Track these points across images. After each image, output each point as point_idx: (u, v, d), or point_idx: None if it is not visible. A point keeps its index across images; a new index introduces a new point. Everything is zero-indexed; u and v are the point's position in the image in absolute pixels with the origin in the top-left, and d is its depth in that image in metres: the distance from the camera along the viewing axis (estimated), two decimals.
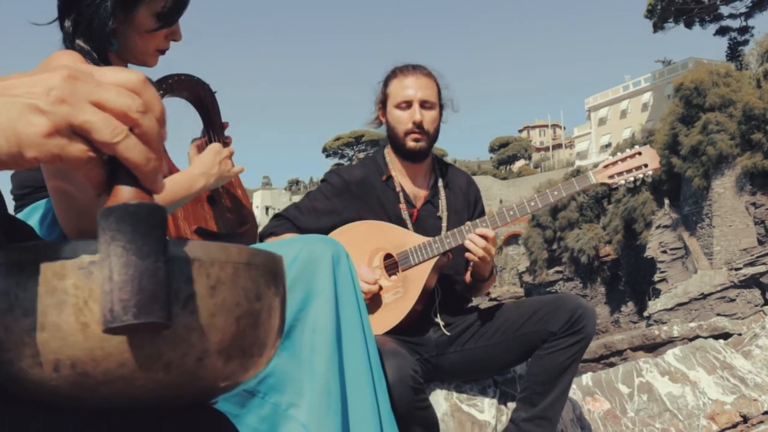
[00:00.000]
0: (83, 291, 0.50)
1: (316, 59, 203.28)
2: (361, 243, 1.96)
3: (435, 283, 1.96)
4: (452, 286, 2.04)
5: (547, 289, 31.84)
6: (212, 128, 1.55)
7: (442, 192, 2.08)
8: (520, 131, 72.02)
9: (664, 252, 26.25)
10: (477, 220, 1.90)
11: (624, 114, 45.80)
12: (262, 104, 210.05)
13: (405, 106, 1.99)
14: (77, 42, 1.30)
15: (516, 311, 1.92)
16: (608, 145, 45.01)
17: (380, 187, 2.03)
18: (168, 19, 1.36)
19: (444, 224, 2.03)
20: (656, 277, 26.28)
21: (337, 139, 60.43)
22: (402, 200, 2.02)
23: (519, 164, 62.32)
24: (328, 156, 61.75)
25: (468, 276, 2.05)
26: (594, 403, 2.66)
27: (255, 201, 55.19)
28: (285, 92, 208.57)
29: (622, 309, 29.21)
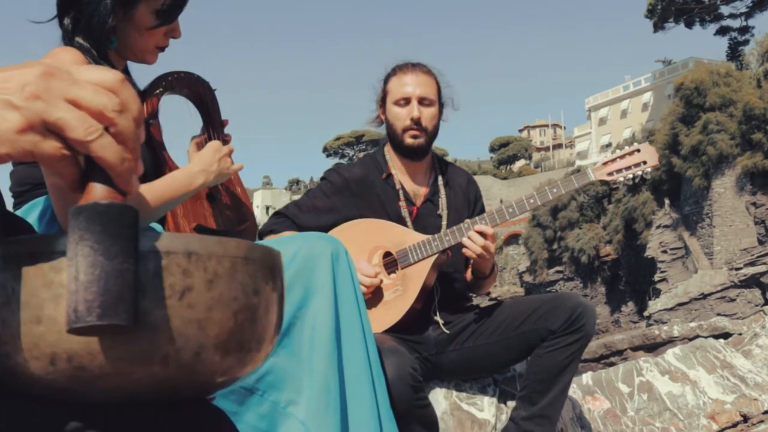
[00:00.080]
0: None
1: (317, 59, 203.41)
2: (361, 241, 1.95)
3: (434, 281, 1.95)
4: (452, 284, 2.04)
5: (548, 289, 31.81)
6: (212, 126, 1.55)
7: (442, 190, 2.08)
8: (521, 131, 72.02)
9: (665, 252, 26.22)
10: (476, 218, 1.89)
11: (624, 114, 45.76)
12: (263, 104, 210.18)
13: (403, 103, 1.99)
14: (77, 39, 1.30)
15: (515, 309, 1.91)
16: (608, 145, 44.94)
17: (380, 185, 2.03)
18: (168, 17, 1.36)
19: (444, 222, 2.02)
20: (656, 277, 26.24)
21: (338, 139, 60.40)
22: (402, 198, 2.02)
23: (519, 164, 62.30)
24: (329, 156, 61.73)
25: (469, 274, 2.05)
26: (594, 402, 2.66)
27: (255, 201, 55.18)
28: (286, 92, 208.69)
29: (623, 309, 29.18)
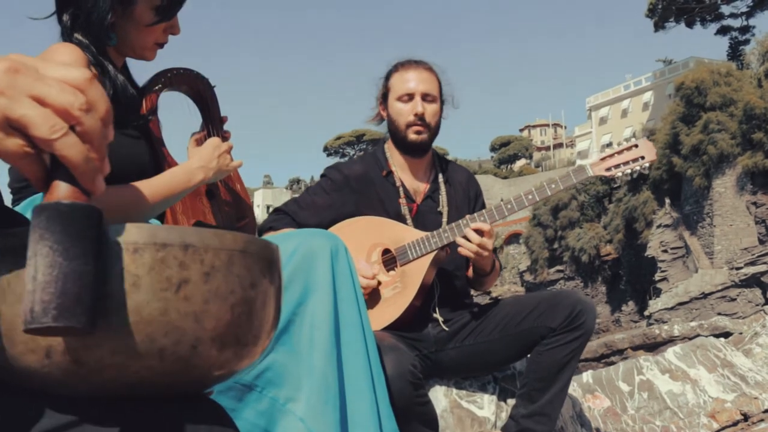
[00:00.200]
0: None
1: (318, 58, 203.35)
2: (360, 238, 1.94)
3: (434, 279, 1.94)
4: (451, 282, 2.03)
5: (548, 288, 31.80)
6: (211, 122, 1.55)
7: (443, 187, 2.07)
8: (521, 130, 72.00)
9: (665, 251, 26.20)
10: (475, 214, 1.88)
11: (625, 113, 45.70)
12: (264, 103, 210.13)
13: (407, 99, 1.98)
14: (75, 35, 1.30)
15: (515, 307, 1.91)
16: (609, 144, 44.04)
17: (380, 183, 2.02)
18: (167, 13, 1.36)
19: (444, 219, 2.01)
20: (657, 277, 26.23)
21: (338, 138, 60.36)
22: (402, 195, 2.01)
23: (520, 163, 62.26)
24: (330, 155, 61.69)
25: (470, 271, 2.04)
26: (594, 401, 2.65)
27: (256, 200, 55.19)
28: (286, 91, 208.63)
29: (623, 308, 29.17)
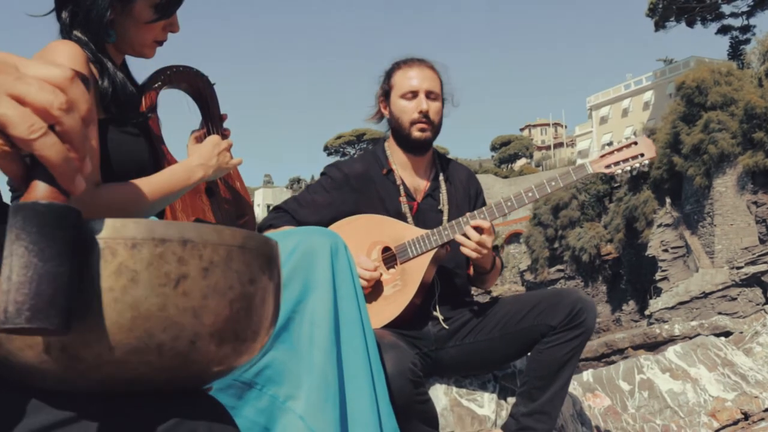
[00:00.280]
0: None
1: (319, 57, 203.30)
2: (359, 236, 1.94)
3: (434, 277, 1.94)
4: (452, 280, 2.03)
5: (549, 288, 31.78)
6: (211, 120, 1.55)
7: (443, 185, 2.07)
8: (522, 130, 72.04)
9: (666, 251, 26.19)
10: (475, 212, 1.88)
11: (625, 113, 45.66)
12: (264, 102, 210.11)
13: (411, 96, 1.98)
14: (75, 33, 1.29)
15: (516, 305, 1.90)
16: (610, 144, 44.70)
17: (380, 181, 2.02)
18: (166, 11, 1.36)
19: (445, 218, 2.01)
20: (657, 276, 26.21)
21: (339, 138, 60.36)
22: (402, 193, 2.01)
23: (520, 163, 62.26)
24: (330, 154, 61.69)
25: (471, 269, 2.04)
26: (594, 400, 2.65)
27: (256, 199, 55.20)
28: (287, 90, 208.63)
29: (624, 307, 29.16)
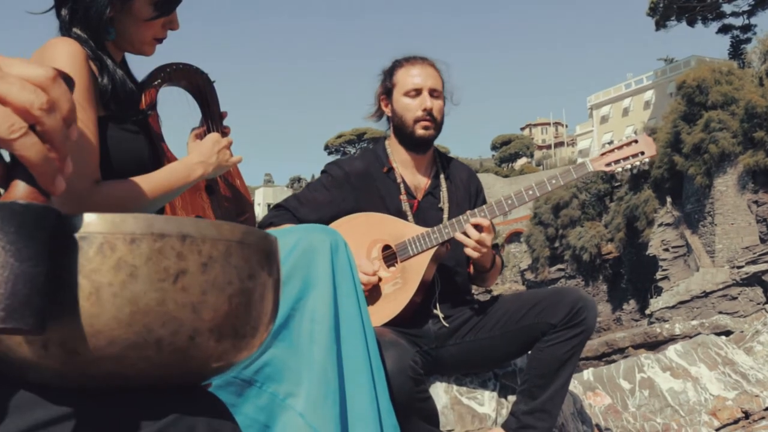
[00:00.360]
0: None
1: (320, 56, 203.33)
2: (360, 234, 1.94)
3: (434, 275, 1.94)
4: (452, 278, 2.02)
5: (549, 287, 31.72)
6: (211, 118, 1.54)
7: (444, 183, 2.07)
8: (523, 129, 72.04)
9: (666, 250, 26.17)
10: (476, 210, 1.88)
11: (626, 112, 45.63)
12: (265, 101, 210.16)
13: (414, 94, 1.98)
14: (74, 30, 1.29)
15: (516, 304, 1.90)
16: (610, 143, 44.74)
17: (381, 179, 2.02)
18: (166, 8, 1.35)
19: (445, 216, 2.01)
20: (658, 275, 26.20)
21: (340, 137, 60.36)
22: (403, 191, 2.01)
23: (521, 162, 62.23)
24: (330, 153, 61.68)
25: (471, 267, 2.03)
26: (595, 398, 2.65)
27: (257, 198, 55.22)
28: (287, 89, 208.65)
29: (624, 307, 29.14)
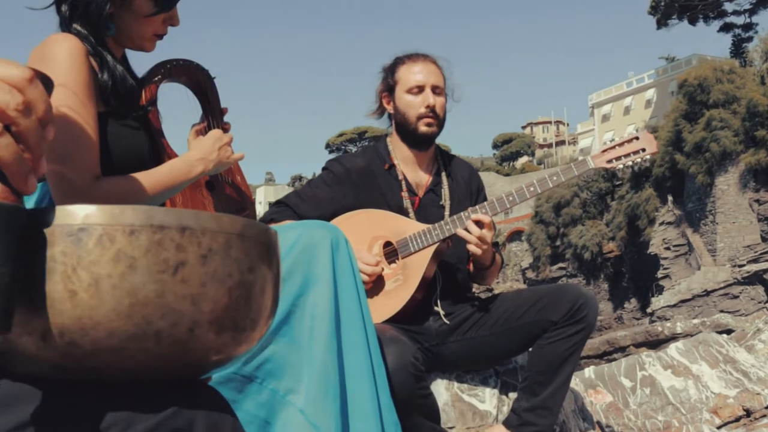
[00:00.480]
0: (71, 258, 0.49)
1: (320, 55, 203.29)
2: (361, 231, 1.94)
3: (435, 272, 1.94)
4: (453, 275, 2.02)
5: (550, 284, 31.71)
6: (211, 114, 1.54)
7: (445, 180, 2.07)
8: (524, 128, 71.97)
9: (668, 249, 26.18)
10: (477, 206, 1.88)
11: (627, 111, 45.62)
12: (265, 100, 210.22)
13: (417, 91, 1.99)
14: (74, 26, 1.29)
15: (517, 301, 1.91)
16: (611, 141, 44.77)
17: (382, 176, 2.02)
18: (166, 4, 1.35)
19: (447, 213, 2.01)
20: (659, 274, 26.21)
21: (341, 135, 60.38)
22: (404, 188, 2.01)
23: (522, 161, 62.21)
24: (331, 152, 61.68)
25: (471, 265, 2.03)
26: (596, 396, 2.65)
27: (258, 197, 55.27)
28: (288, 88, 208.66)
29: (626, 305, 29.16)
